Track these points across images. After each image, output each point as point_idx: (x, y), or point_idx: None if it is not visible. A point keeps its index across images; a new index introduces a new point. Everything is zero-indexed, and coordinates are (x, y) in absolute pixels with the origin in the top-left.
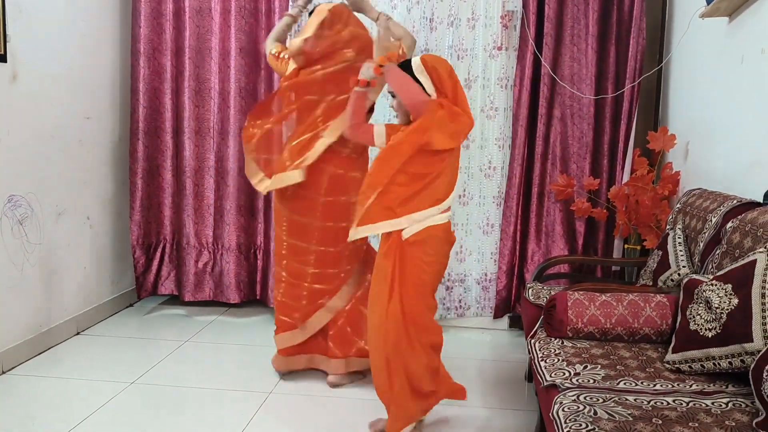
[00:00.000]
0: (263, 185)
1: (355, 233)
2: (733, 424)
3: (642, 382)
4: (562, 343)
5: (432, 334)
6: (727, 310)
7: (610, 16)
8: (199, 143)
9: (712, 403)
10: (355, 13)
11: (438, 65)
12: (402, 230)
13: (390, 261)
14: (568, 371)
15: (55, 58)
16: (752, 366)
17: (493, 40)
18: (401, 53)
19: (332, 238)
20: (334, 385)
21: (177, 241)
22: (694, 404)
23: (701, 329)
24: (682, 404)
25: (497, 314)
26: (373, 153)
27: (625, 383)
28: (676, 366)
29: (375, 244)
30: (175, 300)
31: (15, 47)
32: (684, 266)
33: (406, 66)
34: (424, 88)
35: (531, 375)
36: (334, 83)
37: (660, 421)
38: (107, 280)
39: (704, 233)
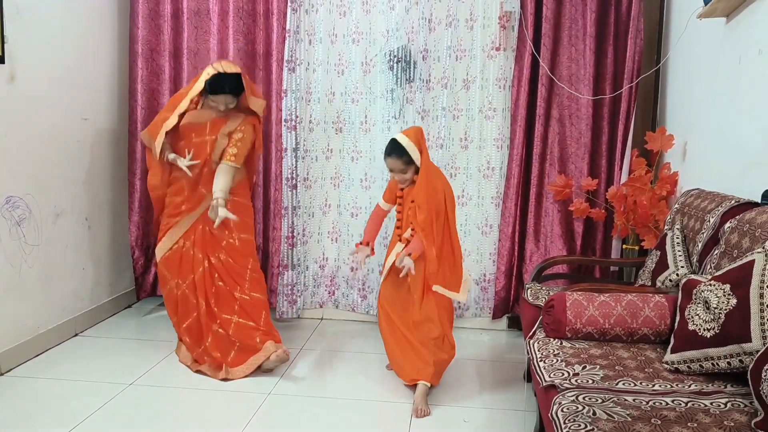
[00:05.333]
0: None
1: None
2: (732, 424)
3: (641, 383)
4: (561, 343)
5: None
6: (726, 310)
7: (608, 16)
8: None
9: (711, 404)
10: None
11: (419, 135)
12: None
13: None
14: (567, 372)
15: (53, 59)
16: (751, 366)
17: (491, 40)
18: None
19: None
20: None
21: None
22: (693, 404)
23: (700, 329)
24: (680, 404)
25: (496, 315)
26: None
27: (623, 383)
28: (674, 366)
29: None
30: None
31: (13, 48)
32: (682, 266)
33: (401, 149)
34: (413, 161)
35: (530, 375)
36: None
37: (659, 422)
38: (106, 281)
39: (702, 233)
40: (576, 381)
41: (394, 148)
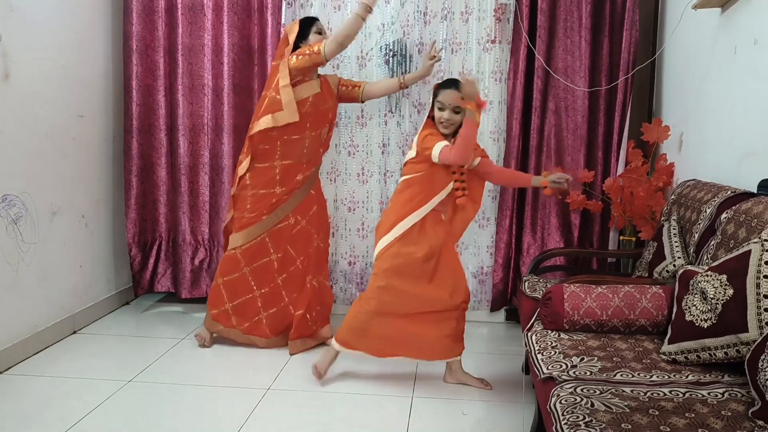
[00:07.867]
0: None
1: None
2: (729, 414)
3: (638, 374)
4: (559, 335)
5: None
6: (722, 300)
7: (603, 8)
8: (193, 140)
9: (708, 394)
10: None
11: None
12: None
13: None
14: (565, 364)
15: (48, 56)
16: (747, 356)
17: (486, 33)
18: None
19: None
20: None
21: (173, 238)
22: (691, 395)
23: (697, 320)
24: (678, 395)
25: (494, 307)
26: None
27: (621, 375)
28: (672, 357)
29: None
30: (171, 297)
31: (6, 45)
32: (679, 257)
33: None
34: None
35: (528, 368)
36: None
37: (657, 412)
38: (103, 278)
39: (699, 224)
40: (574, 373)
41: (456, 81)
